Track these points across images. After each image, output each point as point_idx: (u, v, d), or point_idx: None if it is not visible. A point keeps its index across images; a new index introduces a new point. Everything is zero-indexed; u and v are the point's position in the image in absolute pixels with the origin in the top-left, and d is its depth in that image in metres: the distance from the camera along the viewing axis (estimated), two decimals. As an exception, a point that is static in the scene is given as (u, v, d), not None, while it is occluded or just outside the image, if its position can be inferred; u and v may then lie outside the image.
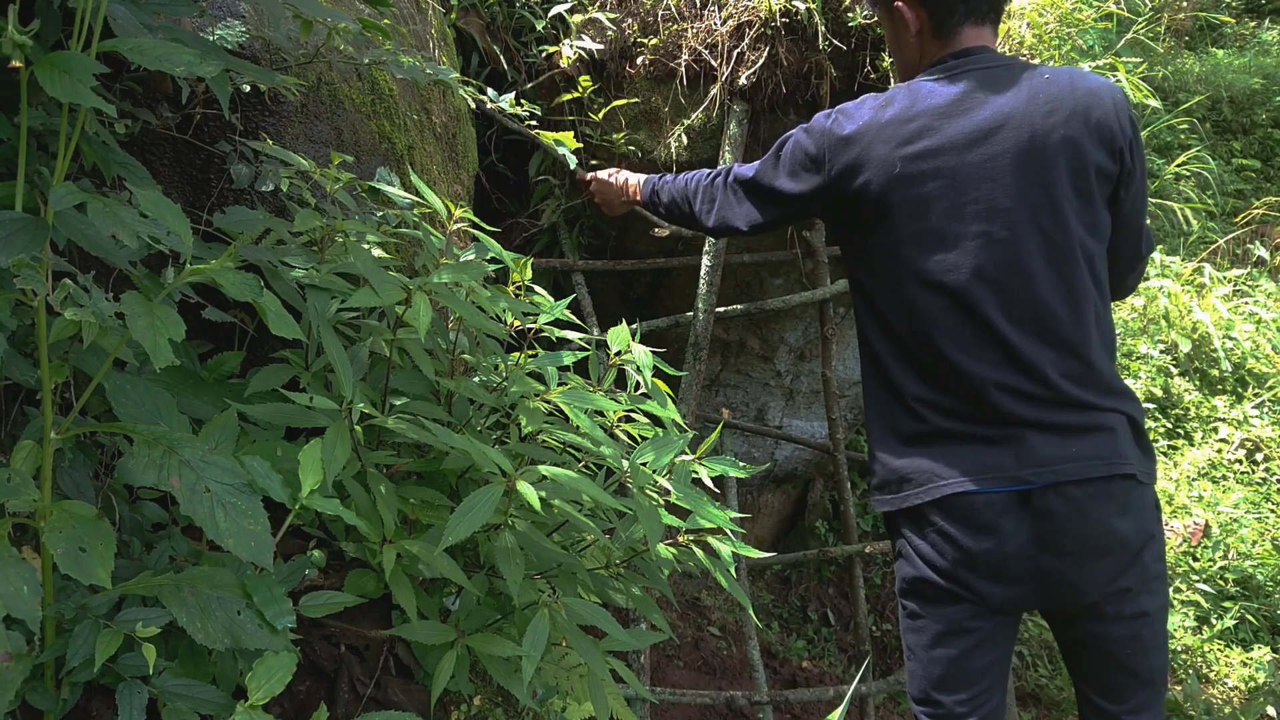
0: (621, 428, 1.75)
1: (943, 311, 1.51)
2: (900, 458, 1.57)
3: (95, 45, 1.06)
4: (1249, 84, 6.98)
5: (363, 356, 1.59)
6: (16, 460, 1.11)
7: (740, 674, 3.48)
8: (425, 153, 2.18)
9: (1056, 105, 1.47)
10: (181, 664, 1.25)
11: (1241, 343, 5.14)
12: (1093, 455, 1.46)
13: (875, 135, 1.53)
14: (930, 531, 1.54)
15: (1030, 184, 1.46)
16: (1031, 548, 1.47)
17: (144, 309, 1.05)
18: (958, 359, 1.50)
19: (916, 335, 1.54)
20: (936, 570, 1.54)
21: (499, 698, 1.96)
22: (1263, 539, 4.19)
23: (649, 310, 3.15)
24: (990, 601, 1.53)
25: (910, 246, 1.52)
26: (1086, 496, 1.45)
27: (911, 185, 1.50)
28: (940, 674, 1.57)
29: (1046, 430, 1.47)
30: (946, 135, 1.49)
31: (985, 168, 1.47)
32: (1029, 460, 1.46)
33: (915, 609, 1.61)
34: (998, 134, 1.47)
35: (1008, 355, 1.48)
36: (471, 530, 1.28)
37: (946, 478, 1.50)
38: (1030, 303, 1.47)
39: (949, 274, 1.49)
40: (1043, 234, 1.47)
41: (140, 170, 1.38)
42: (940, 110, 1.51)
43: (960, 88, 1.52)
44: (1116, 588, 1.49)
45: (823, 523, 4.19)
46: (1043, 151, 1.46)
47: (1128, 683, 1.56)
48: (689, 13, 2.82)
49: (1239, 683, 3.62)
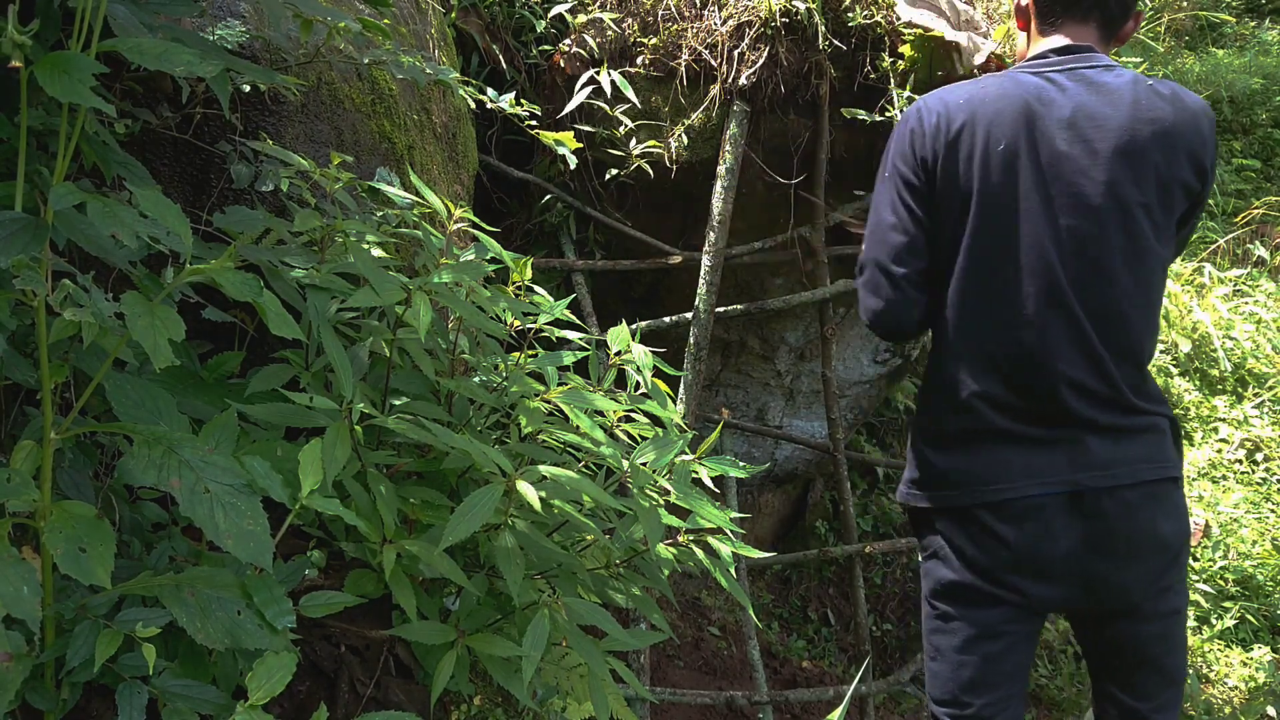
0: (621, 428, 1.74)
1: (1027, 304, 1.49)
2: (947, 455, 1.56)
3: (95, 45, 1.06)
4: (1249, 84, 6.98)
5: (363, 356, 1.59)
6: (16, 460, 1.11)
7: (740, 674, 3.48)
8: (425, 153, 2.18)
9: (1158, 116, 1.48)
10: (181, 664, 1.25)
11: (1241, 343, 5.14)
12: (1144, 458, 1.49)
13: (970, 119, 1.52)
14: (976, 532, 1.52)
15: (1122, 186, 1.47)
16: (1081, 549, 1.48)
17: (144, 309, 1.05)
18: (1039, 353, 1.48)
19: (994, 328, 1.52)
20: (980, 572, 1.53)
21: (499, 698, 1.96)
22: (1263, 539, 4.18)
23: (649, 310, 3.14)
24: (1034, 603, 1.53)
25: (998, 237, 1.50)
26: (1138, 499, 1.47)
27: (1004, 174, 1.49)
28: (971, 676, 1.57)
29: (1103, 432, 1.48)
30: (1042, 128, 1.48)
31: (1080, 163, 1.47)
32: (1083, 463, 1.47)
33: (949, 611, 1.59)
34: (1098, 132, 1.48)
35: (1085, 353, 1.48)
36: (471, 530, 1.28)
37: (998, 481, 1.49)
38: (1107, 303, 1.48)
39: (1035, 267, 1.48)
40: (1127, 236, 1.48)
41: (140, 170, 1.38)
42: (1039, 104, 1.50)
43: (1060, 82, 1.52)
44: (1157, 587, 1.51)
45: (823, 523, 4.19)
46: (1139, 157, 1.47)
47: (1156, 680, 1.57)
48: (689, 13, 2.82)
49: (1239, 683, 3.62)
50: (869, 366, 3.70)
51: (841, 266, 3.19)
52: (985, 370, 1.52)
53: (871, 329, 1.65)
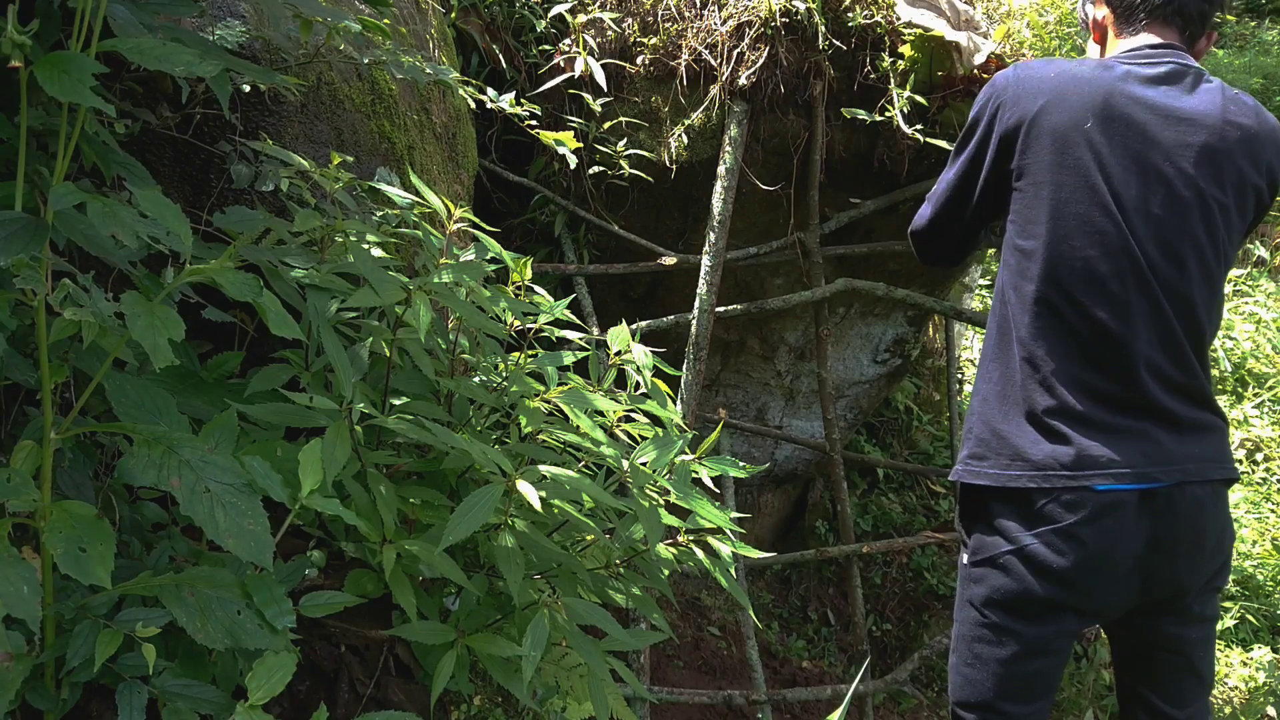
0: (621, 428, 1.75)
1: (1110, 283, 1.48)
2: (1019, 428, 1.51)
3: (95, 45, 1.06)
4: (1249, 84, 6.98)
5: (363, 356, 1.58)
6: (16, 460, 1.11)
7: (740, 674, 3.48)
8: (425, 153, 2.18)
9: (1244, 124, 1.52)
10: (181, 664, 1.25)
11: (1241, 343, 5.14)
12: (1211, 456, 1.50)
13: (1057, 99, 1.53)
14: (1047, 532, 1.48)
15: (1207, 182, 1.49)
16: (1144, 547, 1.47)
17: (144, 309, 1.05)
18: (1120, 332, 1.48)
19: (1076, 305, 1.50)
20: (1050, 578, 1.48)
21: (499, 698, 1.96)
22: (1263, 539, 4.19)
23: (649, 310, 3.14)
24: (1099, 608, 1.52)
25: (1083, 215, 1.51)
26: (1206, 496, 1.48)
27: (1091, 153, 1.50)
28: (1015, 689, 1.55)
29: (1173, 425, 1.48)
30: (1134, 113, 1.49)
31: (1171, 153, 1.49)
32: (1155, 456, 1.46)
33: (1000, 624, 1.55)
34: (1189, 127, 1.50)
35: (1165, 338, 1.48)
36: (471, 530, 1.28)
37: (1076, 468, 1.45)
38: (1184, 292, 1.49)
39: (1119, 247, 1.48)
40: (1206, 232, 1.50)
41: (140, 170, 1.38)
42: (1133, 89, 1.51)
43: (1152, 73, 1.53)
44: (1210, 586, 1.53)
45: (823, 523, 4.19)
46: (1226, 158, 1.50)
47: (1194, 686, 1.57)
48: (689, 13, 2.82)
49: (1239, 683, 3.62)
50: (869, 366, 3.70)
51: (839, 266, 3.19)
52: (1064, 349, 1.50)
53: (915, 237, 1.81)
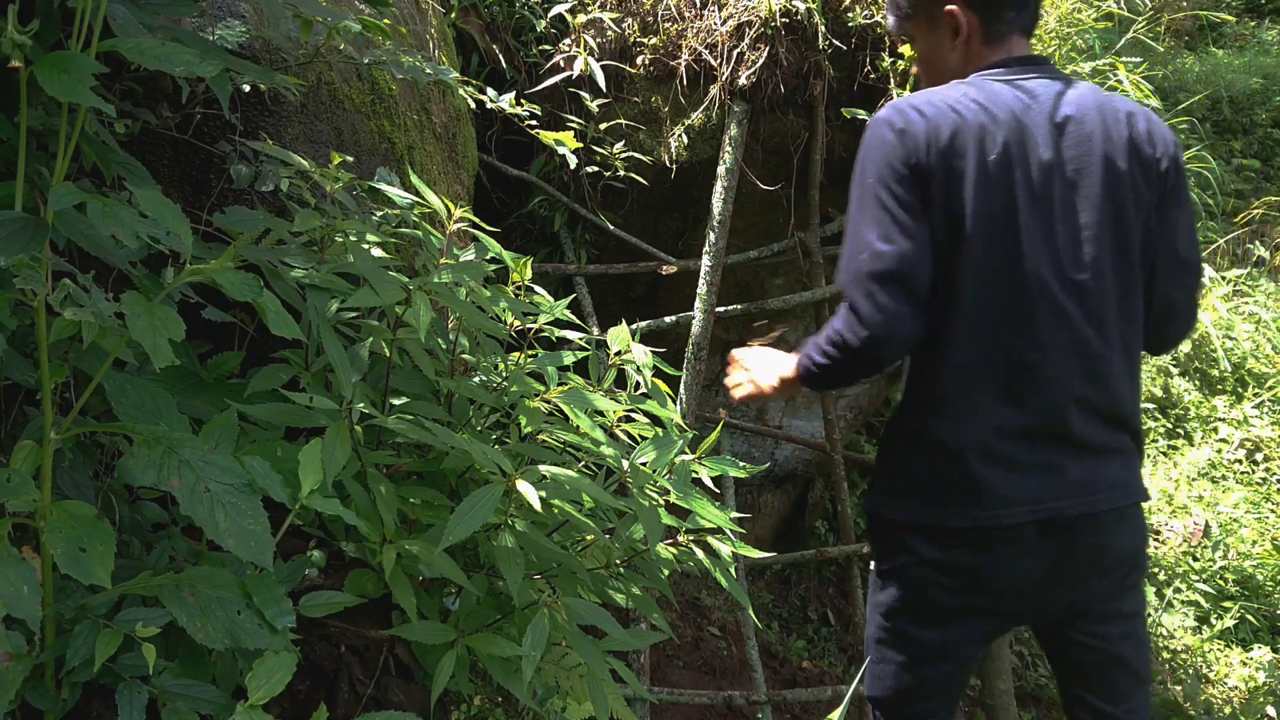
0: (621, 428, 1.75)
1: (1031, 318, 1.45)
2: (932, 465, 1.51)
3: (95, 45, 1.06)
4: (1249, 84, 6.98)
5: (363, 356, 1.58)
6: (16, 460, 1.11)
7: (740, 674, 3.48)
8: (425, 153, 2.18)
9: (1119, 119, 1.49)
10: (181, 664, 1.25)
11: (1241, 343, 5.14)
12: (1117, 482, 1.49)
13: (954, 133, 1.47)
14: (947, 554, 1.50)
15: (1111, 192, 1.46)
16: (1047, 570, 1.48)
17: (144, 309, 1.05)
18: (1035, 361, 1.45)
19: (997, 341, 1.46)
20: (947, 592, 1.51)
21: (499, 698, 1.96)
22: (1263, 539, 4.19)
23: (649, 310, 3.14)
24: (1001, 613, 1.55)
25: (998, 247, 1.45)
26: (1110, 523, 1.48)
27: (1000, 185, 1.45)
28: (918, 688, 1.59)
29: (1085, 453, 1.47)
30: (1031, 138, 1.45)
31: (1069, 173, 1.46)
32: (1061, 489, 1.46)
33: (903, 630, 1.58)
34: (1082, 140, 1.46)
35: (1088, 367, 1.46)
36: (471, 530, 1.28)
37: (981, 505, 1.46)
38: (1104, 312, 1.46)
39: (1037, 279, 1.44)
40: (1116, 242, 1.46)
41: (140, 170, 1.38)
42: (1023, 113, 1.47)
43: (1032, 90, 1.50)
44: (1120, 587, 1.54)
45: (822, 523, 4.19)
46: (1117, 163, 1.46)
47: (1128, 680, 1.58)
48: (689, 13, 2.82)
49: (1239, 683, 3.62)
50: (869, 366, 3.69)
51: (841, 266, 3.19)
52: (985, 385, 1.47)
53: (863, 350, 1.47)
